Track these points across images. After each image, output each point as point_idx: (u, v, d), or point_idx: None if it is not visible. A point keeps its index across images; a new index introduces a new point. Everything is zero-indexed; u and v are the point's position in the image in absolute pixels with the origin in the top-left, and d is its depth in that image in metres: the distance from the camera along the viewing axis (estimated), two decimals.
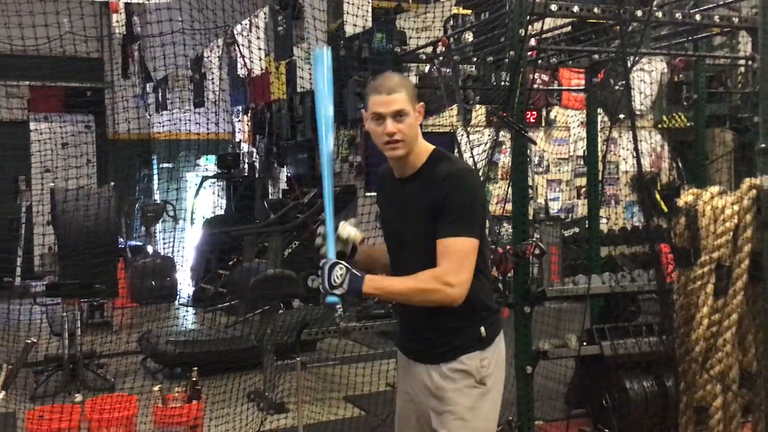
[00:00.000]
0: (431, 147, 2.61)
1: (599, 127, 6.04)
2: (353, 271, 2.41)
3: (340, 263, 2.41)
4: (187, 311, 10.06)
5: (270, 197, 12.01)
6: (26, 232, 11.08)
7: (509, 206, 4.19)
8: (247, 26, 8.57)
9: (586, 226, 6.57)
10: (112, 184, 8.68)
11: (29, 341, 5.41)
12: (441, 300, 2.44)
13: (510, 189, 4.11)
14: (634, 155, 3.82)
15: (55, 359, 6.31)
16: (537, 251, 4.13)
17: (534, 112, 10.18)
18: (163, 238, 11.10)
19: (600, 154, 5.88)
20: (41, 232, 9.48)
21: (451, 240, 2.43)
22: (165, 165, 13.02)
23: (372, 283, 2.41)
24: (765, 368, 3.12)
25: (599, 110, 6.11)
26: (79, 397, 4.80)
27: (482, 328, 2.57)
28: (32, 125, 11.72)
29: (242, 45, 8.93)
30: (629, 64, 4.33)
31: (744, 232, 3.12)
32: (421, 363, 2.63)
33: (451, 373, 2.55)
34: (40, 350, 6.33)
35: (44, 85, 11.83)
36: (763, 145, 3.02)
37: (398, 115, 2.47)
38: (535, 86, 8.33)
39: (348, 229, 2.65)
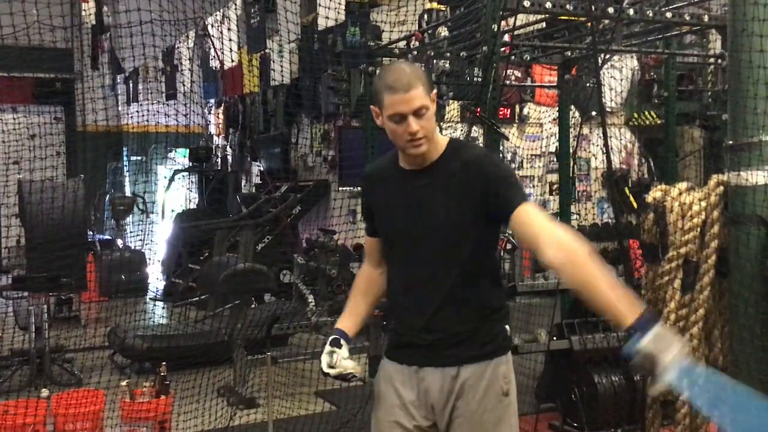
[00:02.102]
0: (446, 138, 2.50)
1: (571, 124, 6.08)
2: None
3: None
4: (156, 306, 9.97)
5: (242, 191, 11.94)
6: None
7: None
8: (220, 18, 8.50)
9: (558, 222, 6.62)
10: (82, 176, 8.56)
11: None
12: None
13: None
14: (604, 151, 3.84)
15: (21, 353, 6.22)
16: (508, 246, 4.15)
17: (507, 108, 10.22)
18: (134, 232, 10.98)
19: (572, 150, 5.92)
20: (8, 224, 9.33)
21: (525, 206, 2.27)
22: (136, 158, 12.89)
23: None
24: (731, 363, 3.16)
25: (571, 107, 6.15)
26: (45, 392, 4.73)
27: (507, 327, 2.46)
28: (0, 116, 11.52)
29: (215, 37, 8.86)
30: (600, 61, 4.36)
31: (711, 228, 3.14)
32: (446, 366, 2.38)
33: (481, 381, 2.37)
34: (5, 344, 6.23)
35: (12, 76, 11.62)
36: (730, 142, 3.05)
37: (419, 112, 2.31)
38: (508, 82, 8.37)
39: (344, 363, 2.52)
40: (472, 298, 2.39)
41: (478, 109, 4.13)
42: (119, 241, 10.94)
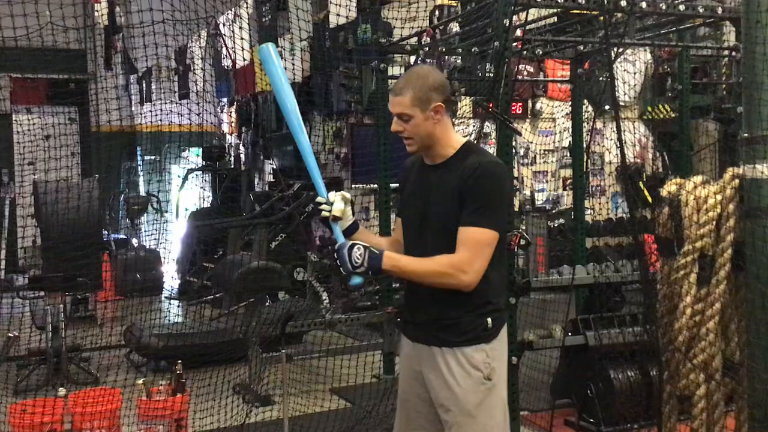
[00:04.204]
0: (463, 140, 2.71)
1: (584, 118, 6.05)
2: (371, 248, 2.52)
3: (357, 243, 2.53)
4: (171, 304, 10.01)
5: (256, 189, 11.96)
6: (10, 225, 10.99)
7: None
8: (232, 17, 8.52)
9: (572, 217, 6.59)
10: (96, 176, 8.61)
11: (11, 335, 5.38)
12: (453, 284, 2.52)
13: None
14: (618, 146, 3.82)
15: (39, 353, 6.26)
16: (522, 242, 4.13)
17: (520, 104, 10.18)
18: (148, 231, 11.03)
19: (585, 145, 5.89)
20: (24, 225, 9.39)
21: (471, 230, 2.51)
22: (150, 157, 12.94)
23: (390, 261, 2.52)
24: (747, 357, 3.14)
25: (584, 101, 6.12)
26: (62, 391, 4.76)
27: (489, 320, 2.61)
28: (15, 117, 11.61)
29: (227, 36, 8.88)
30: (613, 55, 4.33)
31: (727, 221, 3.13)
32: (430, 345, 2.64)
33: (462, 364, 2.58)
34: (23, 344, 6.28)
35: (26, 77, 11.71)
36: (746, 135, 3.03)
37: (402, 117, 2.61)
38: (521, 77, 8.34)
39: (339, 204, 2.66)
40: (456, 290, 2.56)
41: (491, 105, 4.12)
42: (134, 241, 11.00)
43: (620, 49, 5.03)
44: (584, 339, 4.70)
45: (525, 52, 5.61)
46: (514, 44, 4.68)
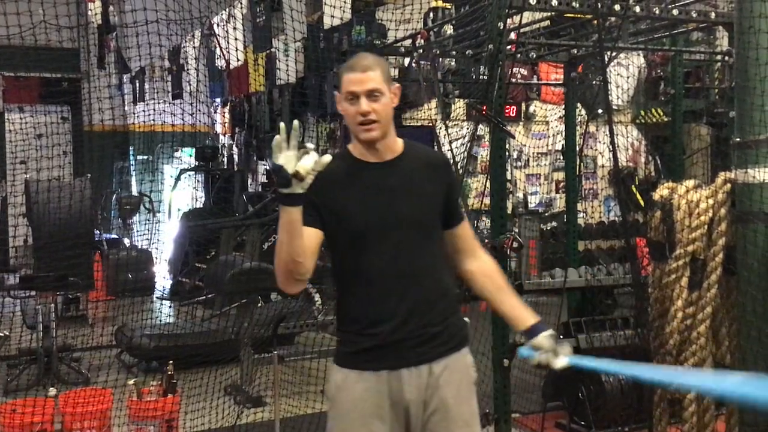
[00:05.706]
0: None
1: (577, 122, 6.06)
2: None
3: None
4: (163, 304, 9.99)
5: (249, 190, 11.95)
6: (1, 224, 10.94)
7: (488, 200, 4.21)
8: (226, 17, 8.51)
9: (565, 220, 6.60)
10: (89, 176, 8.58)
11: (1, 334, 5.36)
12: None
13: (488, 183, 4.12)
14: (611, 149, 3.83)
15: (29, 352, 6.24)
16: (515, 245, 4.14)
17: (513, 106, 10.20)
18: (140, 231, 11.01)
19: (578, 148, 5.90)
20: (16, 224, 9.36)
21: (467, 224, 2.55)
22: (142, 157, 12.91)
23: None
24: (738, 361, 3.15)
25: (578, 104, 6.13)
26: (53, 391, 4.74)
27: (467, 318, 2.51)
28: (7, 116, 11.57)
29: (220, 36, 8.87)
30: (607, 59, 4.34)
31: (719, 225, 3.14)
32: (417, 366, 2.34)
33: (456, 373, 2.38)
34: (13, 343, 6.26)
35: (18, 76, 11.66)
36: (738, 139, 3.05)
37: (372, 95, 2.30)
38: (514, 80, 8.35)
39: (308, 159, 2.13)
40: (443, 291, 2.43)
41: (484, 108, 4.13)
42: (126, 241, 10.96)
43: (614, 53, 5.05)
44: (576, 342, 4.70)
45: (519, 55, 5.61)
46: (508, 47, 4.68)
